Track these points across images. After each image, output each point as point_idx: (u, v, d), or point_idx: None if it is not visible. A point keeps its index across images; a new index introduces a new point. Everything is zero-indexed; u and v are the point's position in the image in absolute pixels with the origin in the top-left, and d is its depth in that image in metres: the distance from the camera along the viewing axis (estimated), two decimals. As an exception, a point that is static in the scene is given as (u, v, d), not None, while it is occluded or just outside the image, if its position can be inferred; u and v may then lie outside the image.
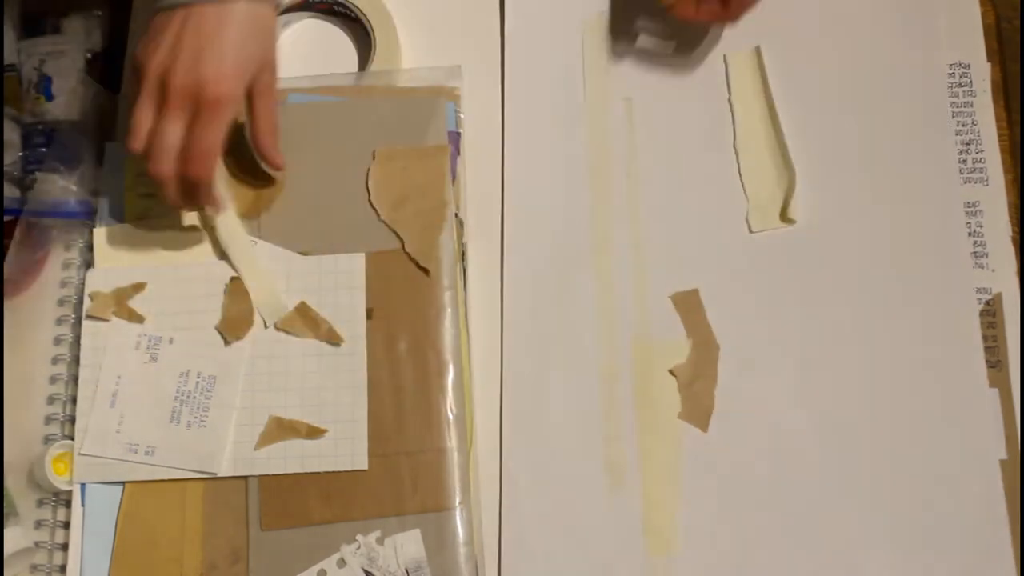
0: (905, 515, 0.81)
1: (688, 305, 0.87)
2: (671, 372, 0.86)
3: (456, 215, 0.89)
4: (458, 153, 0.91)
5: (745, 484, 0.83)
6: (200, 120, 0.77)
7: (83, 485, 0.83)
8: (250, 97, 0.81)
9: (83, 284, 0.88)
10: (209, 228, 0.88)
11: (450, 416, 0.84)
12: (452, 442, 0.83)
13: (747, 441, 0.84)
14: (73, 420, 0.85)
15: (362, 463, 0.82)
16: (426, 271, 0.86)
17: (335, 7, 0.97)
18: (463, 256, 0.89)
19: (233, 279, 0.87)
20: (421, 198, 0.88)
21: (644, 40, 0.94)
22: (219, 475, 0.83)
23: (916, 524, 0.81)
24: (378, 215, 0.88)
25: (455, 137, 0.91)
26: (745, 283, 0.87)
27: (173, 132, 0.78)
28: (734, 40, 0.94)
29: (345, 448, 0.82)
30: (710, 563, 0.81)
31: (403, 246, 0.87)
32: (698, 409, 0.85)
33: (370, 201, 0.88)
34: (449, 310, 0.86)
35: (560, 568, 0.82)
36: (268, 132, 0.84)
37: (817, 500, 0.82)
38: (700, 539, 0.82)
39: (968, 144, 0.90)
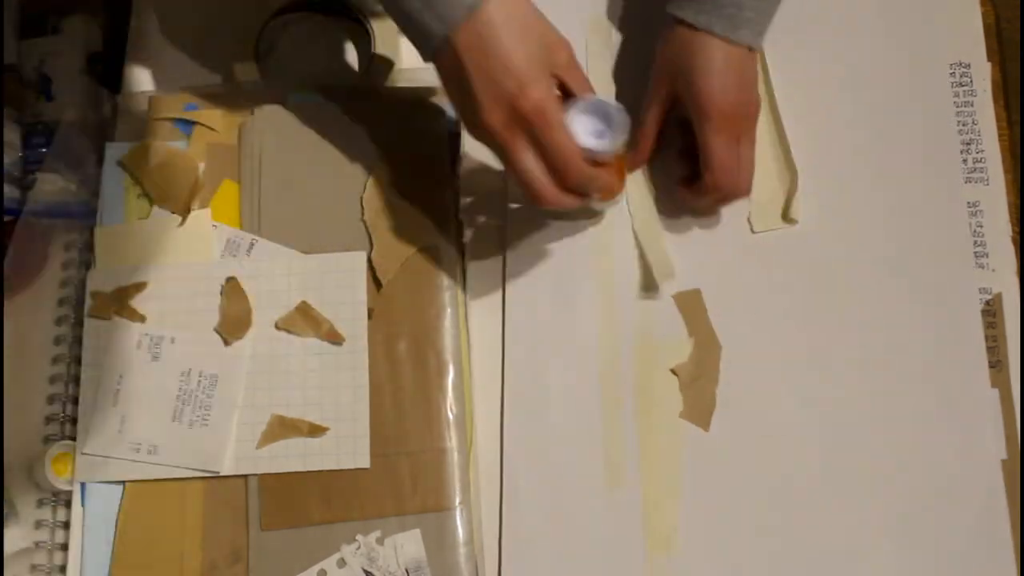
0: (906, 514, 0.81)
1: (690, 305, 0.87)
2: (673, 371, 0.86)
3: (456, 216, 0.89)
4: (458, 153, 0.91)
5: (746, 483, 0.83)
6: (542, 135, 0.76)
7: (83, 485, 0.83)
8: (561, 84, 0.79)
9: (83, 284, 0.88)
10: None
11: (450, 416, 0.84)
12: (452, 442, 0.83)
13: (748, 440, 0.84)
14: (73, 420, 0.85)
15: (364, 461, 0.82)
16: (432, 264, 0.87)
17: (335, 7, 0.97)
18: (463, 257, 0.89)
19: (229, 279, 0.87)
20: (418, 203, 0.89)
21: (646, 40, 0.94)
22: (221, 474, 0.83)
23: (917, 523, 0.81)
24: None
25: (455, 138, 0.91)
26: (747, 283, 0.87)
27: (530, 161, 0.77)
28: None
29: (347, 446, 0.82)
30: (710, 562, 0.81)
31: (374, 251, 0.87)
32: (700, 408, 0.85)
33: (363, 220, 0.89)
34: (449, 310, 0.86)
35: (560, 566, 0.82)
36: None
37: (818, 499, 0.82)
38: (700, 538, 0.82)
39: (968, 144, 0.90)
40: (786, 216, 0.88)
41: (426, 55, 0.78)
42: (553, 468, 0.84)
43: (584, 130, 0.78)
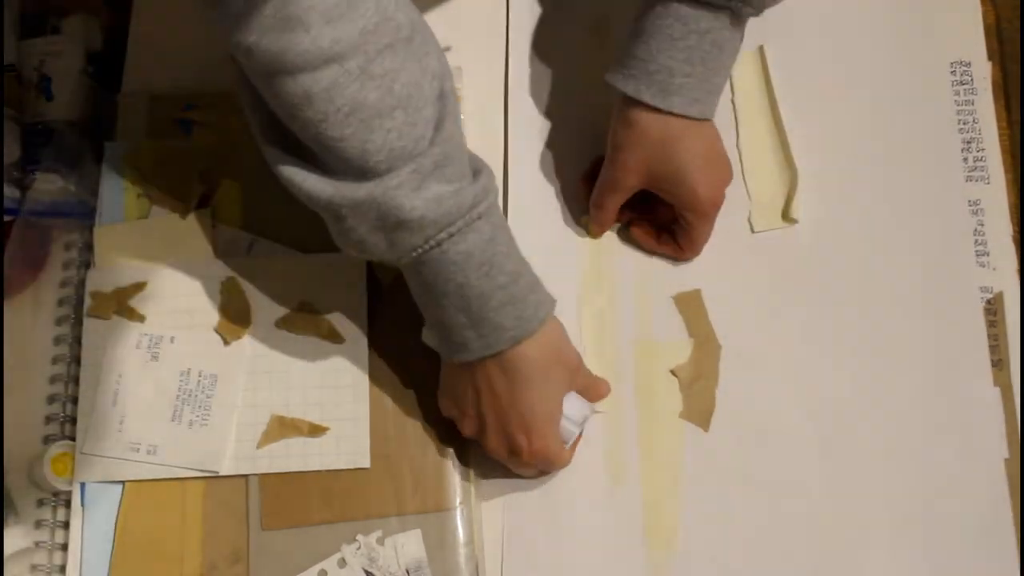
0: (907, 513, 0.81)
1: (690, 305, 0.87)
2: (673, 372, 0.86)
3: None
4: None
5: (746, 483, 0.83)
6: (536, 465, 0.81)
7: (82, 485, 0.83)
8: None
9: (83, 284, 0.88)
10: None
11: (450, 417, 0.84)
12: (452, 442, 0.83)
13: (748, 440, 0.84)
14: (73, 420, 0.85)
15: (364, 461, 0.82)
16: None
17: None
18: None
19: (228, 279, 0.86)
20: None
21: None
22: (221, 473, 0.82)
23: (918, 522, 0.81)
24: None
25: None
26: (747, 283, 0.87)
27: (519, 467, 0.82)
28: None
29: (347, 446, 0.82)
30: (710, 562, 0.81)
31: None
32: (699, 409, 0.85)
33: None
34: (449, 311, 0.86)
35: (561, 565, 0.82)
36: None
37: (818, 499, 0.82)
38: (700, 537, 0.82)
39: (969, 143, 0.90)
40: (786, 216, 0.88)
41: (431, 339, 0.80)
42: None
43: (566, 435, 0.81)
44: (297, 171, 0.72)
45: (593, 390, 0.83)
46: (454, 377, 0.80)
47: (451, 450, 0.83)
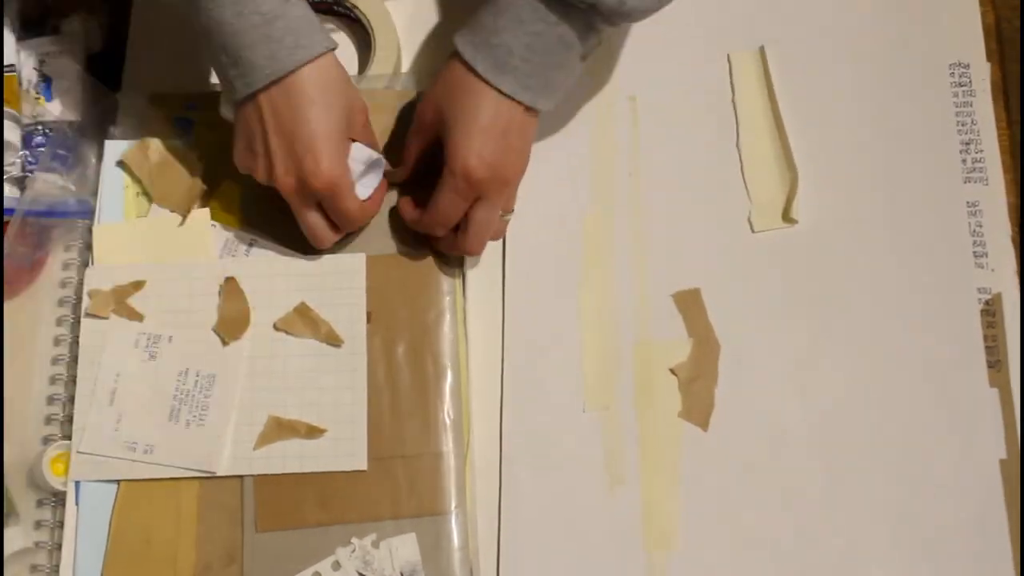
0: (904, 514, 0.81)
1: (690, 304, 0.87)
2: (672, 371, 0.86)
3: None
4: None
5: (744, 483, 0.83)
6: (331, 204, 0.82)
7: (77, 483, 0.83)
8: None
9: (83, 284, 0.88)
10: None
11: (447, 420, 0.84)
12: (448, 446, 0.83)
13: (747, 440, 0.84)
14: (72, 420, 0.85)
15: (361, 463, 0.82)
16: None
17: (335, 7, 0.97)
18: (463, 261, 0.89)
19: (228, 279, 0.86)
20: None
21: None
22: (218, 474, 0.82)
23: (916, 523, 0.81)
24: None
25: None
26: (747, 283, 0.87)
27: (314, 217, 0.83)
28: (738, 40, 0.94)
29: (344, 448, 0.82)
30: (710, 561, 0.81)
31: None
32: (698, 408, 0.85)
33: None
34: (448, 315, 0.86)
35: (560, 565, 0.82)
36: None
37: (816, 499, 0.82)
38: (700, 537, 0.82)
39: (968, 144, 0.90)
40: (786, 216, 0.88)
41: (226, 109, 0.83)
42: (553, 466, 0.84)
43: (356, 176, 0.83)
44: None
45: (376, 146, 0.84)
46: (243, 121, 0.81)
47: (447, 454, 0.83)
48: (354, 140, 0.83)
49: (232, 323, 0.85)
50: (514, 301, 0.88)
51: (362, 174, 0.83)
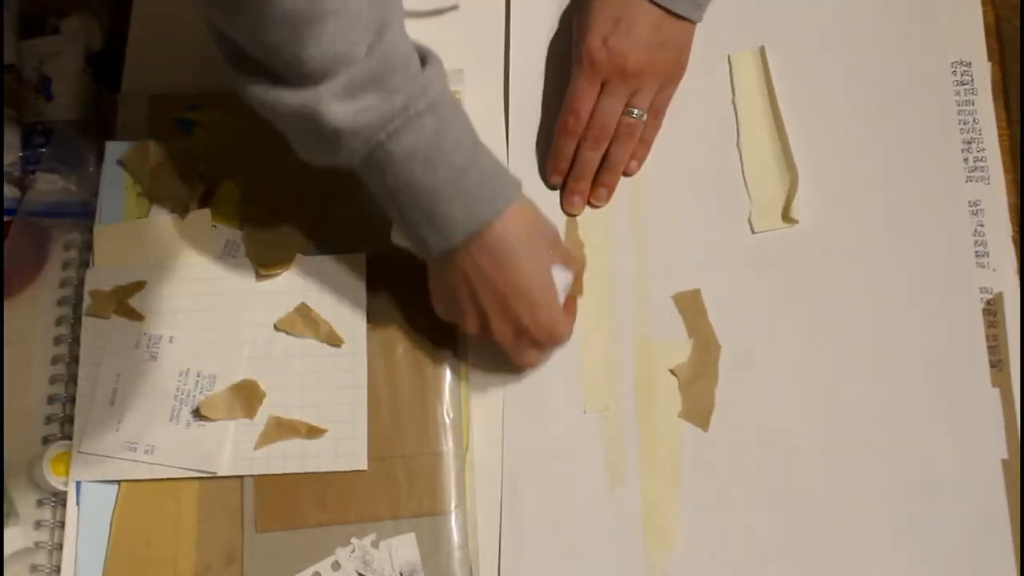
0: (905, 514, 0.81)
1: (690, 305, 0.87)
2: (672, 371, 0.86)
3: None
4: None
5: (745, 483, 0.83)
6: (548, 345, 0.82)
7: (78, 483, 0.83)
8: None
9: (83, 284, 0.88)
10: None
11: (447, 420, 0.84)
12: (448, 446, 0.83)
13: (747, 440, 0.84)
14: (72, 420, 0.85)
15: (361, 463, 0.82)
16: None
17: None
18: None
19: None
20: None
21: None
22: (219, 474, 0.82)
23: (916, 523, 0.81)
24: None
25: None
26: (747, 283, 0.87)
27: (532, 356, 0.84)
28: (739, 40, 0.94)
29: (345, 448, 0.82)
30: (709, 561, 0.81)
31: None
32: (698, 408, 0.85)
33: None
34: (448, 313, 0.86)
35: (560, 564, 0.82)
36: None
37: (817, 499, 0.82)
38: (699, 537, 0.82)
39: (969, 143, 0.90)
40: (786, 216, 0.88)
41: (398, 238, 0.80)
42: (553, 466, 0.84)
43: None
44: (256, 86, 0.72)
45: (570, 260, 0.83)
46: (442, 276, 0.80)
47: (447, 454, 0.83)
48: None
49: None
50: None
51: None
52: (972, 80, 0.91)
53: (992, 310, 0.85)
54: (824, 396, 0.84)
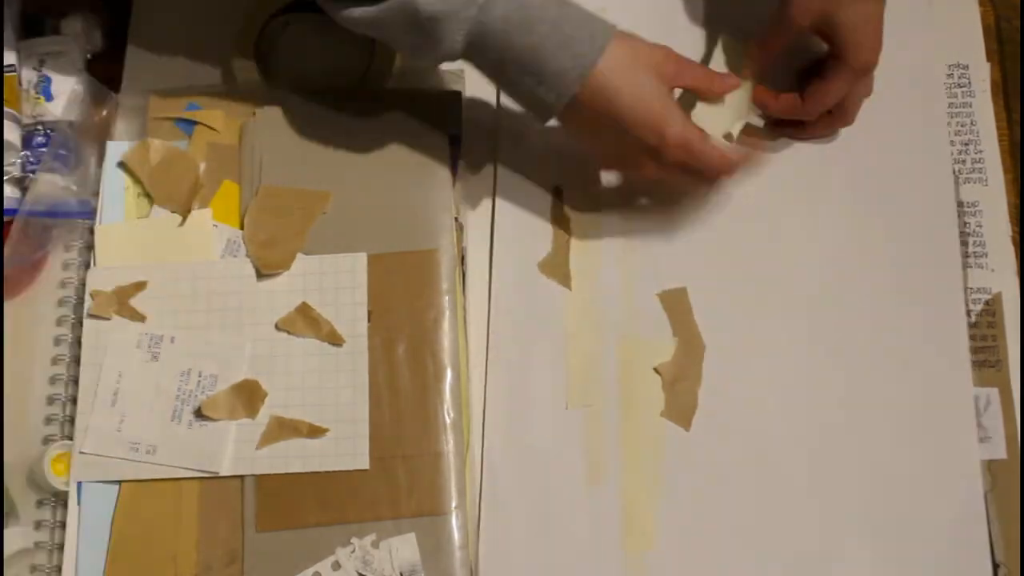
0: (884, 515, 0.81)
1: (675, 304, 0.87)
2: (656, 370, 0.86)
3: (456, 219, 0.89)
4: (459, 156, 0.91)
5: (726, 483, 0.83)
6: (693, 162, 0.82)
7: (79, 484, 0.83)
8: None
9: (83, 284, 0.88)
10: None
11: (447, 420, 0.83)
12: (449, 446, 0.83)
13: (729, 441, 0.84)
14: (73, 420, 0.85)
15: (363, 462, 0.82)
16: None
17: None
18: (463, 260, 0.89)
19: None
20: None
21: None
22: (220, 474, 0.82)
23: (895, 524, 0.81)
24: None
25: (455, 140, 0.91)
26: (734, 283, 0.87)
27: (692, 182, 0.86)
28: (724, 30, 0.93)
29: (346, 447, 0.82)
30: (689, 560, 0.81)
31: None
32: (681, 408, 0.85)
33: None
34: (448, 313, 0.86)
35: (540, 563, 0.82)
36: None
37: (798, 500, 0.82)
38: (680, 536, 0.82)
39: (967, 144, 0.90)
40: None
41: (545, 117, 0.83)
42: (534, 464, 0.84)
43: None
44: (356, 8, 0.77)
45: (707, 82, 0.85)
46: (579, 133, 0.85)
47: (447, 454, 0.83)
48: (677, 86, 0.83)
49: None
50: (500, 297, 0.88)
51: None
52: (970, 82, 0.91)
53: (991, 310, 0.85)
54: (808, 398, 0.84)
